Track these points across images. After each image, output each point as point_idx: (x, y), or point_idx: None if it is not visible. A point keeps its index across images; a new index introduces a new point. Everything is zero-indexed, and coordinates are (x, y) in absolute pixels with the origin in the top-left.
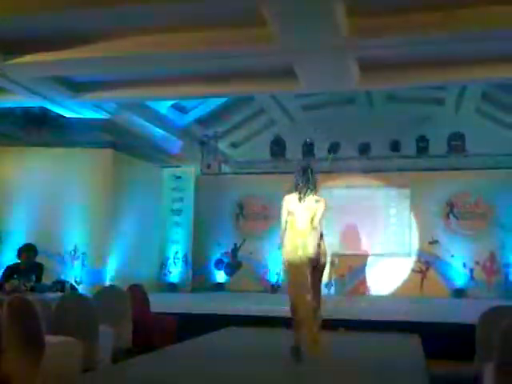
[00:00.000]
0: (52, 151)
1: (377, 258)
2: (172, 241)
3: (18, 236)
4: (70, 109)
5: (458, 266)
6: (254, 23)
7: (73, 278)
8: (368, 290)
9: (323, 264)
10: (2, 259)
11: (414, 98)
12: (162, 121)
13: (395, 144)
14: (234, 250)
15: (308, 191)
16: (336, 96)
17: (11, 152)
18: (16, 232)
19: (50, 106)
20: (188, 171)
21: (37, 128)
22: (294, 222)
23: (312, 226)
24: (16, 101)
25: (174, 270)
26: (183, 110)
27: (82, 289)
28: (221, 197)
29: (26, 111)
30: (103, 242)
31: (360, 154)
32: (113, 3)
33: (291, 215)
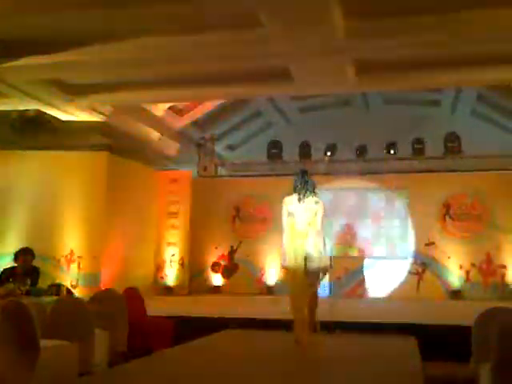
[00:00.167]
0: (47, 154)
1: (373, 260)
2: (168, 243)
3: (14, 239)
4: (65, 111)
5: (455, 268)
6: (250, 26)
7: (69, 281)
8: (365, 292)
9: (323, 268)
10: None
11: (410, 100)
12: (158, 123)
13: (392, 146)
14: (230, 252)
15: (307, 193)
16: (333, 98)
17: (6, 155)
18: (11, 235)
19: (46, 109)
20: (184, 174)
21: (32, 131)
22: (293, 223)
23: (315, 228)
24: (11, 104)
25: (171, 272)
26: (180, 112)
27: (77, 292)
28: (217, 199)
29: (21, 114)
30: (99, 246)
31: (357, 156)
32: (110, 7)
33: (291, 216)
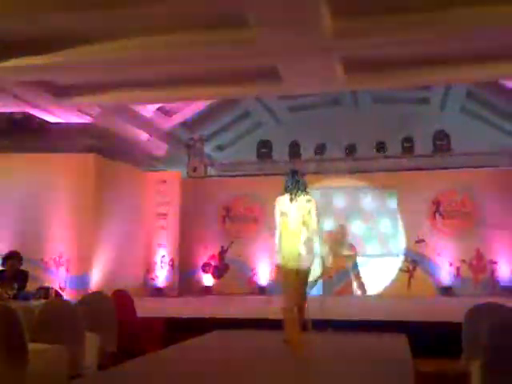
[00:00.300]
0: (35, 157)
1: (364, 259)
2: (158, 245)
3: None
4: (53, 113)
5: (445, 265)
6: (238, 25)
7: (57, 284)
8: (355, 290)
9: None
10: None
11: (399, 99)
12: (147, 124)
13: (381, 144)
14: (221, 252)
15: (298, 192)
16: (322, 97)
17: None
18: None
19: (34, 111)
20: (174, 174)
21: (20, 133)
22: (286, 222)
23: (310, 227)
24: None
25: (161, 274)
26: (168, 113)
27: (66, 295)
28: (207, 200)
29: (8, 117)
30: (88, 248)
31: (346, 154)
32: (97, 7)
33: (284, 216)
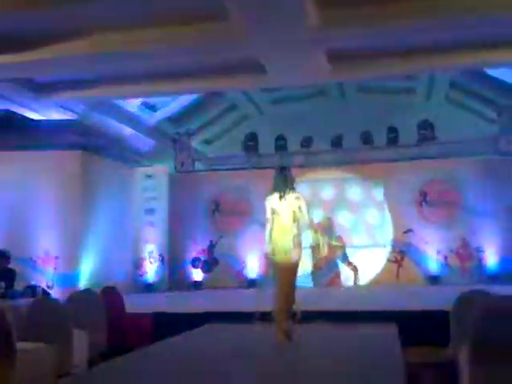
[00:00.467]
0: (20, 155)
1: (352, 250)
2: (147, 240)
3: None
4: (36, 111)
5: (433, 254)
6: (220, 18)
7: (45, 282)
8: (345, 281)
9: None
10: None
11: (385, 89)
12: (132, 119)
13: (367, 135)
14: (209, 246)
15: (287, 190)
16: (307, 88)
17: None
18: None
19: (16, 109)
20: (161, 170)
21: (3, 132)
22: (278, 219)
23: (302, 222)
24: None
25: (150, 269)
26: (153, 108)
27: (55, 293)
28: (196, 194)
29: None
30: (76, 245)
31: (332, 146)
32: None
33: (275, 213)
